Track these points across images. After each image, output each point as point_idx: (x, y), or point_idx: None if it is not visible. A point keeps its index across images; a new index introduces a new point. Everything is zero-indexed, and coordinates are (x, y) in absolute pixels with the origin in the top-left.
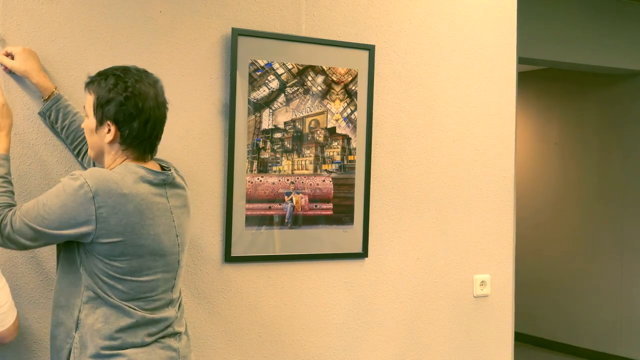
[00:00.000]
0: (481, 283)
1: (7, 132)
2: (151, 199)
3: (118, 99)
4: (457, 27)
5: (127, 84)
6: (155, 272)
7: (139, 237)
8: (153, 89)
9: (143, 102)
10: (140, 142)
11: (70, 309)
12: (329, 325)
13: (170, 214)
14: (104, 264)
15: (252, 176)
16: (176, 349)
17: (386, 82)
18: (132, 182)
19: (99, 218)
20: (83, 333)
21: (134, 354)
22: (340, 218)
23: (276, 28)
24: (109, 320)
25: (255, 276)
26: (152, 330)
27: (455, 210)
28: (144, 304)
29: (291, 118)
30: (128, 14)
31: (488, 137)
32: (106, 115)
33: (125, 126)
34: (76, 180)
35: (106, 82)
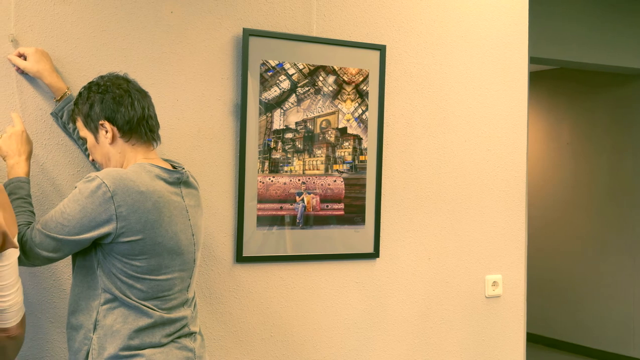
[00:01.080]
0: (493, 283)
1: (27, 157)
2: (168, 197)
3: (96, 98)
4: (469, 27)
5: (98, 85)
6: (172, 271)
7: (158, 234)
8: (124, 80)
9: (118, 87)
10: (137, 125)
11: (88, 311)
12: (340, 325)
13: (186, 213)
14: (122, 264)
15: (263, 176)
16: (192, 349)
17: (397, 82)
18: (149, 180)
19: (119, 216)
20: (101, 335)
21: (151, 354)
22: (352, 218)
23: (287, 28)
24: (127, 321)
25: (266, 276)
26: (169, 330)
27: (467, 210)
28: (160, 303)
29: (302, 118)
30: (139, 15)
31: (499, 137)
32: (95, 118)
33: (115, 115)
34: (92, 181)
35: (81, 99)
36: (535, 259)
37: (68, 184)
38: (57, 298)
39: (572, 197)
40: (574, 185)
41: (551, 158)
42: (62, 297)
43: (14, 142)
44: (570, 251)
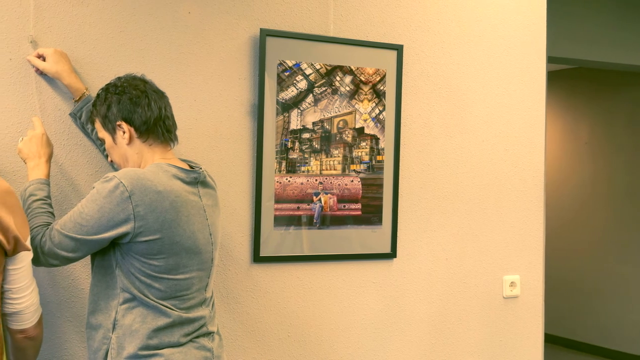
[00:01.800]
0: (511, 284)
1: (47, 159)
2: (185, 196)
3: (114, 100)
4: (486, 26)
5: (116, 86)
6: (190, 270)
7: (175, 234)
8: (140, 81)
9: (135, 88)
10: (154, 125)
11: (107, 311)
12: (357, 326)
13: (204, 212)
14: (141, 263)
15: (280, 176)
16: (210, 349)
17: (414, 82)
18: (166, 179)
19: (137, 216)
20: (120, 334)
21: (170, 354)
22: (369, 218)
23: (304, 28)
24: (145, 320)
25: (283, 276)
26: (187, 329)
27: (485, 210)
28: (179, 303)
29: (319, 118)
30: (157, 15)
31: (517, 137)
32: (113, 119)
33: (132, 115)
34: (110, 181)
35: (99, 100)
36: (553, 259)
37: (87, 184)
38: (75, 298)
39: (590, 197)
40: (592, 185)
41: (569, 158)
42: (81, 296)
43: (34, 145)
44: (588, 251)
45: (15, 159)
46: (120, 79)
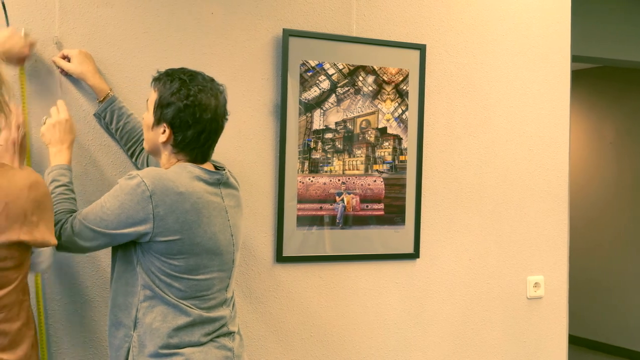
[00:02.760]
0: (535, 284)
1: (69, 145)
2: (207, 197)
3: (177, 105)
4: (510, 25)
5: (189, 91)
6: (211, 271)
7: (196, 235)
8: (215, 100)
9: (201, 112)
10: (192, 149)
11: (127, 308)
12: (380, 326)
13: (226, 213)
14: (161, 262)
15: (303, 176)
16: (231, 349)
17: (437, 82)
18: (188, 180)
19: (157, 216)
20: (141, 332)
21: (191, 353)
22: (392, 218)
23: (327, 28)
24: (166, 319)
25: (306, 276)
26: (208, 329)
27: (508, 210)
28: (199, 303)
29: (342, 118)
30: (180, 16)
31: (541, 137)
32: (164, 117)
33: (179, 132)
34: (133, 179)
35: (171, 85)
36: (577, 259)
37: (110, 185)
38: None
39: (614, 197)
40: (616, 185)
41: (594, 157)
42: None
43: (57, 131)
44: (612, 251)
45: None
46: (199, 84)
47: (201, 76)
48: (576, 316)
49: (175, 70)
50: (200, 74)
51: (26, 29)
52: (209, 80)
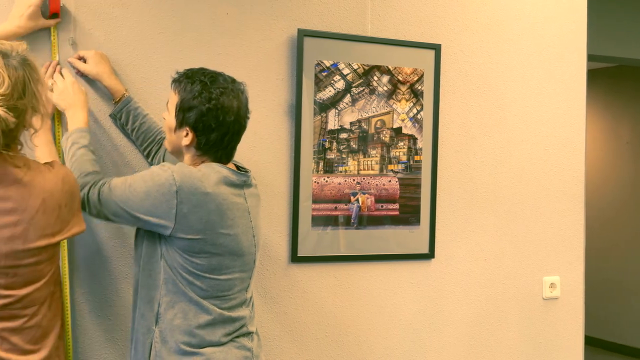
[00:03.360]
0: (550, 285)
1: (83, 105)
2: (232, 199)
3: (200, 109)
4: (525, 25)
5: (211, 94)
6: (232, 272)
7: (219, 236)
8: (237, 102)
9: (224, 115)
10: (215, 151)
11: (150, 301)
12: (395, 326)
13: (248, 214)
14: (183, 260)
15: (318, 176)
16: (250, 349)
17: (453, 82)
18: (215, 181)
19: (179, 213)
20: (163, 328)
21: (211, 352)
22: (407, 218)
23: (342, 28)
24: (187, 317)
25: (321, 276)
26: (228, 329)
27: (524, 210)
28: (220, 303)
29: (357, 118)
30: (196, 17)
31: (557, 137)
32: (186, 121)
33: (203, 135)
34: (164, 171)
35: (192, 87)
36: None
37: None
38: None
39: (631, 197)
40: (633, 185)
41: (610, 157)
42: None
43: (67, 95)
44: (629, 251)
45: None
46: (220, 86)
47: (222, 77)
48: (592, 317)
49: (196, 72)
50: (221, 75)
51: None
52: (230, 82)
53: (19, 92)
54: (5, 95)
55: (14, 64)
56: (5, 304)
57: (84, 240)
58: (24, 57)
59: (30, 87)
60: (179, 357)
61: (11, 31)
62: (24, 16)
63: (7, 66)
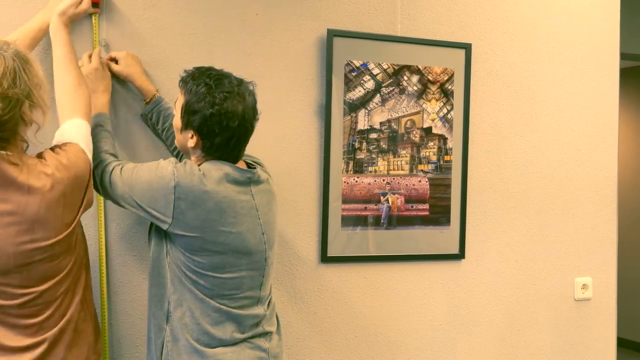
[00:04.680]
0: (582, 286)
1: (104, 90)
2: (234, 197)
3: (204, 113)
4: (557, 23)
5: (215, 99)
6: (239, 270)
7: (218, 234)
8: (242, 106)
9: (228, 120)
10: (221, 154)
11: (160, 300)
12: (425, 327)
13: (256, 212)
14: (186, 258)
15: (347, 176)
16: (266, 349)
17: (483, 81)
18: (217, 179)
19: (177, 209)
20: (173, 327)
21: (223, 353)
22: (437, 219)
23: (371, 28)
24: (194, 315)
25: (351, 276)
26: (239, 327)
27: (555, 210)
28: (229, 302)
29: (387, 118)
30: (225, 18)
31: (589, 136)
32: (191, 123)
33: (207, 139)
34: (168, 165)
35: (197, 89)
36: (625, 260)
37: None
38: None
39: None
40: None
41: None
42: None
43: (89, 81)
44: None
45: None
46: (225, 89)
47: (228, 80)
48: (625, 318)
49: (202, 72)
50: (227, 77)
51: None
52: (237, 84)
53: (8, 81)
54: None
55: (4, 55)
56: (25, 302)
57: (117, 239)
58: (17, 50)
59: (22, 77)
60: (189, 355)
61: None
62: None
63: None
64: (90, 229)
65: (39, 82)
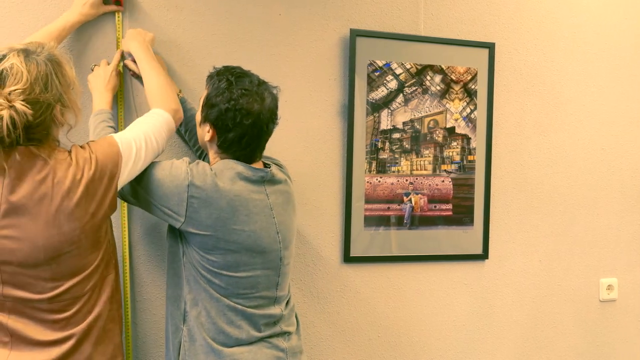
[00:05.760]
0: (608, 287)
1: (111, 88)
2: (247, 195)
3: (220, 107)
4: (581, 21)
5: (232, 95)
6: (253, 269)
7: (231, 233)
8: (258, 105)
9: (241, 117)
10: (234, 151)
11: (176, 300)
12: (448, 327)
13: (270, 211)
14: (200, 257)
15: (370, 176)
16: (284, 349)
17: (507, 81)
18: (229, 177)
19: (190, 207)
20: (190, 326)
21: (240, 353)
22: (460, 219)
23: (394, 28)
24: (210, 314)
25: (373, 276)
26: (255, 327)
27: (580, 211)
28: (244, 301)
29: (410, 118)
30: (248, 18)
31: (614, 136)
32: (208, 117)
33: (222, 134)
34: (182, 164)
35: (218, 84)
36: None
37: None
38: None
39: None
40: None
41: None
42: None
43: (100, 79)
44: None
45: None
46: (244, 87)
47: (249, 79)
48: None
49: (227, 69)
50: (249, 76)
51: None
52: (257, 84)
53: (40, 86)
54: (24, 89)
55: (37, 60)
56: (54, 296)
57: (140, 240)
58: (50, 54)
59: (54, 82)
60: (206, 355)
61: (75, 19)
62: (87, 4)
63: (28, 62)
64: (114, 230)
65: (71, 84)
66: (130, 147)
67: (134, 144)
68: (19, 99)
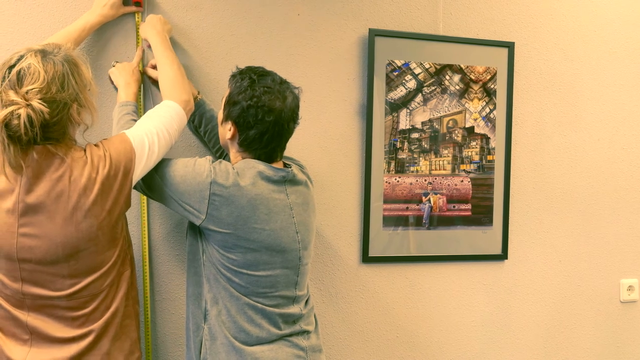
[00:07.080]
0: (628, 288)
1: (135, 81)
2: (268, 194)
3: (242, 104)
4: (602, 21)
5: (254, 92)
6: (273, 268)
7: (251, 231)
8: (280, 103)
9: (263, 114)
10: (254, 149)
11: (197, 299)
12: (467, 328)
13: (290, 210)
14: (220, 255)
15: (389, 176)
16: (304, 348)
17: (526, 80)
18: (251, 176)
19: (211, 205)
20: (211, 325)
21: (260, 351)
22: (479, 219)
23: (413, 28)
24: (230, 313)
25: (392, 277)
26: (276, 325)
27: (600, 211)
28: (264, 300)
29: (428, 118)
30: (267, 18)
31: (635, 135)
32: (230, 114)
33: (243, 131)
34: (206, 163)
35: (241, 83)
36: None
37: None
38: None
39: None
40: None
41: None
42: None
43: (122, 74)
44: None
45: None
46: (266, 85)
47: (271, 77)
48: None
49: (250, 69)
50: (271, 75)
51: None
52: (279, 82)
53: (57, 85)
54: (41, 88)
55: (54, 60)
56: (73, 293)
57: (160, 239)
58: (67, 54)
59: (71, 81)
60: (227, 354)
61: (95, 20)
62: (107, 5)
63: (45, 62)
64: (134, 229)
65: (87, 84)
66: (143, 142)
67: (146, 138)
68: (36, 97)
